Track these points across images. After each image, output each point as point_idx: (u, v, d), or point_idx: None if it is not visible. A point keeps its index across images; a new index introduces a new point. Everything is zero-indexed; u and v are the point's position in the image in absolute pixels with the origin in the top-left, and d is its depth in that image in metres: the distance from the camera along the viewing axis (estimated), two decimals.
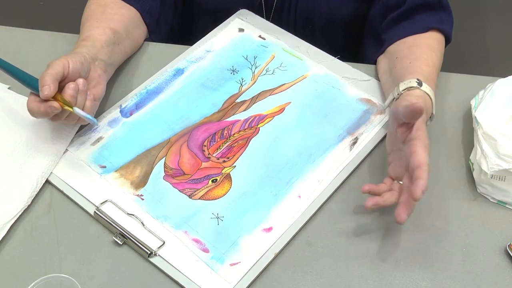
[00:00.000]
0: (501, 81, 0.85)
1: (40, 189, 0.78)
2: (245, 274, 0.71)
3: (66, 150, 0.81)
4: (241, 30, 0.99)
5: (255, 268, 0.72)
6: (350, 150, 0.84)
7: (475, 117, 0.82)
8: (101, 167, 0.80)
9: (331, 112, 0.88)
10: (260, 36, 0.98)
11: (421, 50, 0.87)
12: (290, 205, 0.77)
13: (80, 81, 0.78)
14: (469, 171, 0.83)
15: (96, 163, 0.81)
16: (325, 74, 0.93)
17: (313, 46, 0.97)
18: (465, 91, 0.90)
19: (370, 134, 0.86)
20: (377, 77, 0.93)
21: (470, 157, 0.83)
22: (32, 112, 0.76)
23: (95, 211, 0.75)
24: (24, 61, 0.93)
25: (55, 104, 0.75)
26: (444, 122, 0.88)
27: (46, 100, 0.74)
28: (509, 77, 0.86)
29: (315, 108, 0.88)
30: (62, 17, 1.75)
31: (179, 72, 0.92)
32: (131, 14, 0.93)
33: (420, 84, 0.81)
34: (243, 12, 1.01)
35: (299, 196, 0.79)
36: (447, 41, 0.92)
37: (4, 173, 0.78)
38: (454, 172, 0.83)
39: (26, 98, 0.86)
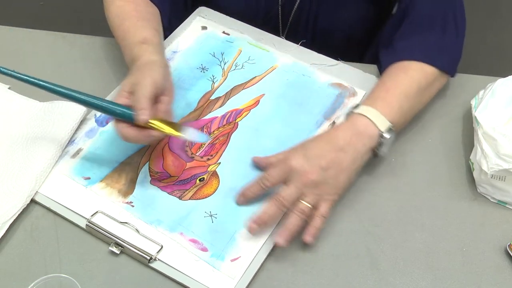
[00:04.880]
0: (501, 81, 0.85)
1: None
2: (247, 268, 0.71)
3: None
4: (204, 27, 0.99)
5: (256, 261, 0.72)
6: None
7: (475, 117, 0.82)
8: (85, 178, 0.79)
9: (305, 99, 0.89)
10: (224, 32, 0.98)
11: (389, 73, 0.85)
12: None
13: (165, 99, 0.75)
14: (469, 171, 0.83)
15: (79, 175, 0.79)
16: (294, 63, 0.94)
17: (277, 37, 0.97)
18: (465, 91, 0.90)
19: None
20: (346, 62, 0.94)
21: (470, 157, 0.82)
22: (128, 138, 0.73)
23: (86, 224, 0.74)
24: (24, 61, 0.93)
25: (155, 133, 0.73)
26: (444, 122, 0.88)
27: (140, 126, 0.72)
28: (509, 77, 0.85)
29: (289, 97, 0.89)
30: (62, 17, 1.75)
31: None
32: (156, 12, 0.91)
33: (354, 108, 0.79)
34: (203, 9, 1.01)
35: None
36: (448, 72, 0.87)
37: (3, 172, 0.78)
38: (454, 172, 0.83)
39: (26, 98, 0.87)
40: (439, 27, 0.87)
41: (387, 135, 0.77)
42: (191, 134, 0.76)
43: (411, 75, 0.83)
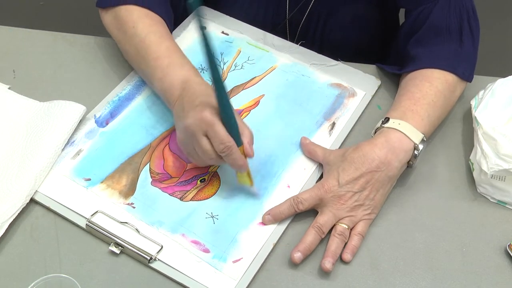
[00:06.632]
0: (501, 81, 0.85)
1: None
2: (247, 268, 0.71)
3: None
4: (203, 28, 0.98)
5: (256, 261, 0.72)
6: (330, 135, 0.85)
7: (475, 117, 0.82)
8: (86, 180, 0.79)
9: (305, 100, 0.89)
10: (223, 32, 0.98)
11: (413, 82, 0.84)
12: (281, 196, 0.78)
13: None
14: (469, 171, 0.83)
15: (80, 176, 0.79)
16: (293, 63, 0.94)
17: (276, 37, 0.97)
18: (465, 91, 0.90)
19: (345, 117, 0.87)
20: (345, 62, 0.94)
21: (470, 157, 0.82)
22: (230, 153, 0.72)
23: (86, 224, 0.74)
24: (24, 61, 0.93)
25: (247, 167, 0.75)
26: (444, 122, 0.88)
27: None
28: (509, 77, 0.85)
29: (289, 97, 0.89)
30: (62, 17, 1.75)
31: None
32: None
33: (385, 121, 0.80)
34: (202, 9, 1.00)
35: (288, 186, 0.79)
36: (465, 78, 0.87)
37: (2, 172, 0.78)
38: (454, 172, 0.83)
39: (26, 98, 0.87)
40: (457, 36, 0.86)
41: (421, 147, 0.78)
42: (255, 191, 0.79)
43: (436, 85, 0.83)
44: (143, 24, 0.85)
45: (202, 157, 0.74)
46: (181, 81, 0.79)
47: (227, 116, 0.72)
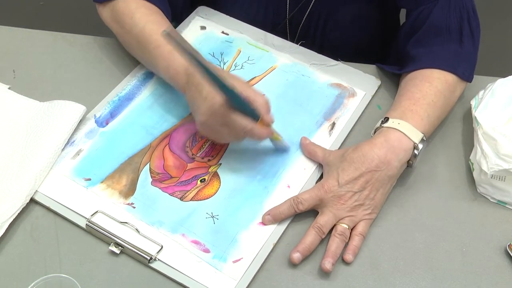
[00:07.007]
0: (501, 81, 0.85)
1: None
2: (247, 268, 0.71)
3: None
4: (203, 27, 0.98)
5: (256, 262, 0.72)
6: (330, 135, 0.85)
7: (475, 117, 0.82)
8: (86, 180, 0.79)
9: (305, 100, 0.89)
10: (223, 32, 0.98)
11: (413, 82, 0.84)
12: (281, 195, 0.78)
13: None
14: (469, 171, 0.83)
15: (80, 176, 0.79)
16: (293, 63, 0.94)
17: (276, 37, 0.97)
18: (465, 91, 0.90)
19: (345, 117, 0.87)
20: (345, 62, 0.94)
21: (470, 157, 0.83)
22: (252, 134, 0.75)
23: (86, 224, 0.74)
24: (24, 61, 0.93)
25: (272, 132, 0.78)
26: (444, 122, 0.88)
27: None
28: (509, 77, 0.86)
29: (289, 97, 0.89)
30: (62, 17, 1.75)
31: (148, 75, 0.91)
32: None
33: (384, 121, 0.80)
34: (202, 9, 1.01)
35: (288, 186, 0.79)
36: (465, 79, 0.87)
37: (2, 172, 0.78)
38: (454, 172, 0.83)
39: (26, 98, 0.87)
40: (457, 36, 0.86)
41: (420, 146, 0.78)
42: (286, 143, 0.83)
43: (436, 85, 0.83)
44: (140, 13, 0.86)
45: (231, 139, 0.79)
46: (184, 68, 0.79)
47: (235, 99, 0.72)
